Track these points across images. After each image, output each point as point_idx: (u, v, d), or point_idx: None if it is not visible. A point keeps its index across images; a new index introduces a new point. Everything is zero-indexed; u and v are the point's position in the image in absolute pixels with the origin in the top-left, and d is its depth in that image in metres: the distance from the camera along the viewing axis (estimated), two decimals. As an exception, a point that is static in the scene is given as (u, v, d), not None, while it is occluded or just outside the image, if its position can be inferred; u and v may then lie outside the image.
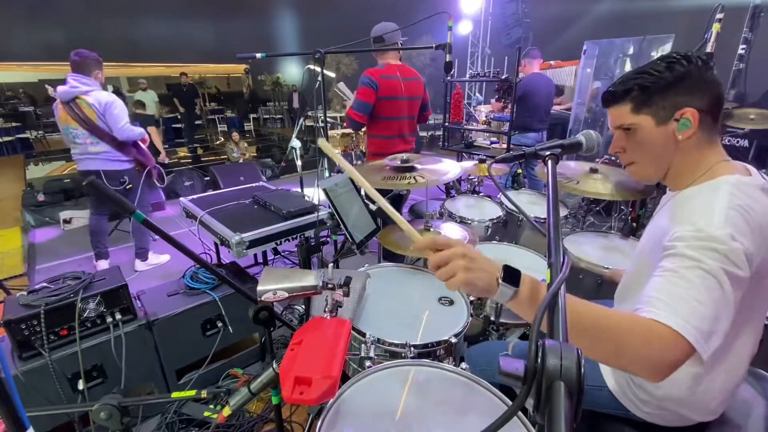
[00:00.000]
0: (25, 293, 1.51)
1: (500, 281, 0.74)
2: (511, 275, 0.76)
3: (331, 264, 1.01)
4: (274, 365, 0.87)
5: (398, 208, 2.69)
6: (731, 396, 0.96)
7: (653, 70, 0.86)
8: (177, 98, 8.63)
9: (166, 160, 4.53)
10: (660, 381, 0.69)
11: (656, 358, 0.68)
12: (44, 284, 1.56)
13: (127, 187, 2.90)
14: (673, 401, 0.93)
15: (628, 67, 4.80)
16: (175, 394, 0.98)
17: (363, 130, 2.59)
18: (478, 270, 0.74)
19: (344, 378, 0.96)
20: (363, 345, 1.22)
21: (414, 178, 1.76)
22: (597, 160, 3.53)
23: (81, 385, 1.53)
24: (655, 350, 0.68)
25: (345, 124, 2.55)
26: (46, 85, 2.84)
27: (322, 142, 0.85)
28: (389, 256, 1.99)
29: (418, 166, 1.86)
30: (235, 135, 6.86)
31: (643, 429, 1.02)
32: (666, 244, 0.79)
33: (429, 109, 2.71)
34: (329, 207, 1.66)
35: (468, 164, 2.60)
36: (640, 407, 0.99)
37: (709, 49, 2.50)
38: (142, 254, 3.22)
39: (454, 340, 1.24)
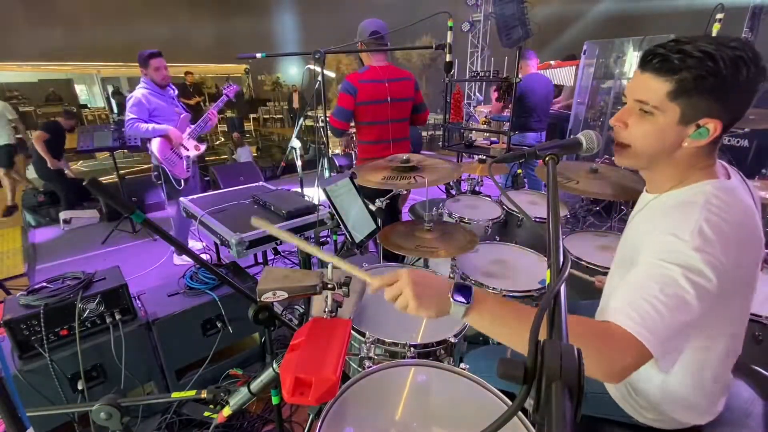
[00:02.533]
0: (25, 293, 1.51)
1: (452, 298, 0.76)
2: (463, 292, 0.76)
3: (331, 264, 1.01)
4: (274, 365, 0.87)
5: (395, 209, 2.67)
6: (727, 393, 0.97)
7: (720, 59, 0.70)
8: (183, 98, 8.44)
9: (65, 166, 4.44)
10: (617, 383, 0.71)
11: (610, 360, 0.69)
12: (44, 284, 1.56)
13: (158, 181, 3.00)
14: (673, 405, 0.93)
15: (627, 67, 4.80)
16: (175, 394, 0.98)
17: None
18: (427, 295, 0.77)
19: (344, 378, 0.96)
20: (363, 345, 1.22)
21: (414, 177, 1.76)
22: (597, 160, 3.53)
23: (81, 385, 1.53)
24: (610, 351, 0.69)
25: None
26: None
27: (254, 220, 0.89)
28: (389, 256, 1.99)
29: (419, 166, 1.86)
30: (236, 135, 6.86)
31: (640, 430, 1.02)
32: (638, 257, 0.80)
33: (426, 110, 2.58)
34: (329, 207, 1.66)
35: (468, 164, 2.60)
36: (642, 414, 0.98)
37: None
38: None
39: (454, 340, 1.24)
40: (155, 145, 2.89)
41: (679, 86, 0.74)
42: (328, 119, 2.31)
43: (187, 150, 3.07)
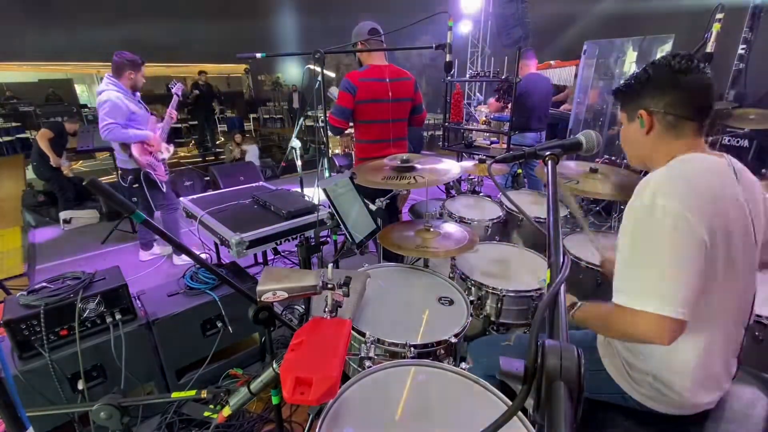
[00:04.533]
0: (25, 293, 1.51)
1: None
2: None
3: (331, 264, 1.01)
4: (274, 365, 0.87)
5: (395, 209, 2.66)
6: (717, 383, 0.98)
7: (633, 75, 1.02)
8: (195, 100, 8.01)
9: (64, 164, 4.38)
10: (669, 344, 0.84)
11: (646, 336, 0.85)
12: (44, 284, 1.56)
13: (134, 186, 2.93)
14: (659, 377, 0.97)
15: (627, 67, 4.80)
16: (175, 394, 0.98)
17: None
18: None
19: (344, 378, 0.96)
20: (363, 345, 1.22)
21: (414, 178, 1.76)
22: (597, 160, 3.53)
23: (81, 385, 1.53)
24: (641, 331, 0.86)
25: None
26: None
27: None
28: (389, 256, 1.99)
29: (418, 166, 1.86)
30: (238, 137, 6.85)
31: (639, 418, 1.03)
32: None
33: (423, 111, 2.55)
34: (329, 207, 1.66)
35: (468, 164, 2.59)
36: (636, 388, 1.02)
37: (709, 49, 2.50)
38: (146, 245, 3.37)
39: (454, 340, 1.24)
40: (136, 150, 2.81)
41: (620, 101, 1.08)
42: (327, 118, 2.30)
43: (162, 152, 3.02)
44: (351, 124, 2.40)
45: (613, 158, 3.58)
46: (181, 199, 2.51)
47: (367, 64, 2.30)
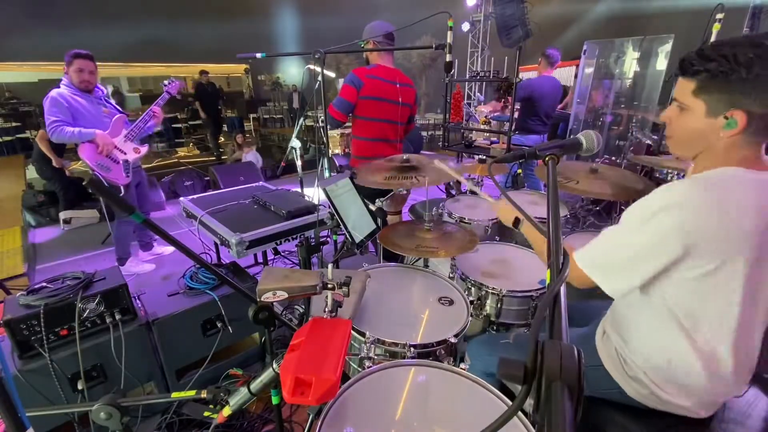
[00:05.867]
0: (24, 293, 1.50)
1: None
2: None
3: (331, 264, 1.01)
4: (274, 365, 0.87)
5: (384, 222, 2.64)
6: (721, 395, 0.97)
7: (733, 59, 0.79)
8: (200, 101, 7.47)
9: (66, 164, 4.28)
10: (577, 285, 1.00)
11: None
12: (44, 284, 1.56)
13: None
14: (657, 378, 0.96)
15: (627, 67, 4.80)
16: (175, 394, 0.98)
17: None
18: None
19: (344, 378, 0.96)
20: (363, 345, 1.22)
21: (416, 177, 1.76)
22: (597, 160, 3.53)
23: (81, 385, 1.53)
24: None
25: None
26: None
27: (437, 162, 1.08)
28: (389, 256, 1.99)
29: (419, 167, 1.85)
30: (239, 137, 6.85)
31: (637, 415, 1.03)
32: None
33: (413, 123, 2.58)
34: (329, 207, 1.66)
35: (468, 164, 2.59)
36: (631, 384, 1.02)
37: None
38: (146, 245, 3.34)
39: (454, 340, 1.24)
40: (84, 151, 2.64)
41: (700, 84, 0.86)
42: (327, 109, 2.25)
43: (125, 153, 2.79)
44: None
45: (613, 158, 3.58)
46: (181, 199, 2.51)
47: (375, 63, 2.31)
